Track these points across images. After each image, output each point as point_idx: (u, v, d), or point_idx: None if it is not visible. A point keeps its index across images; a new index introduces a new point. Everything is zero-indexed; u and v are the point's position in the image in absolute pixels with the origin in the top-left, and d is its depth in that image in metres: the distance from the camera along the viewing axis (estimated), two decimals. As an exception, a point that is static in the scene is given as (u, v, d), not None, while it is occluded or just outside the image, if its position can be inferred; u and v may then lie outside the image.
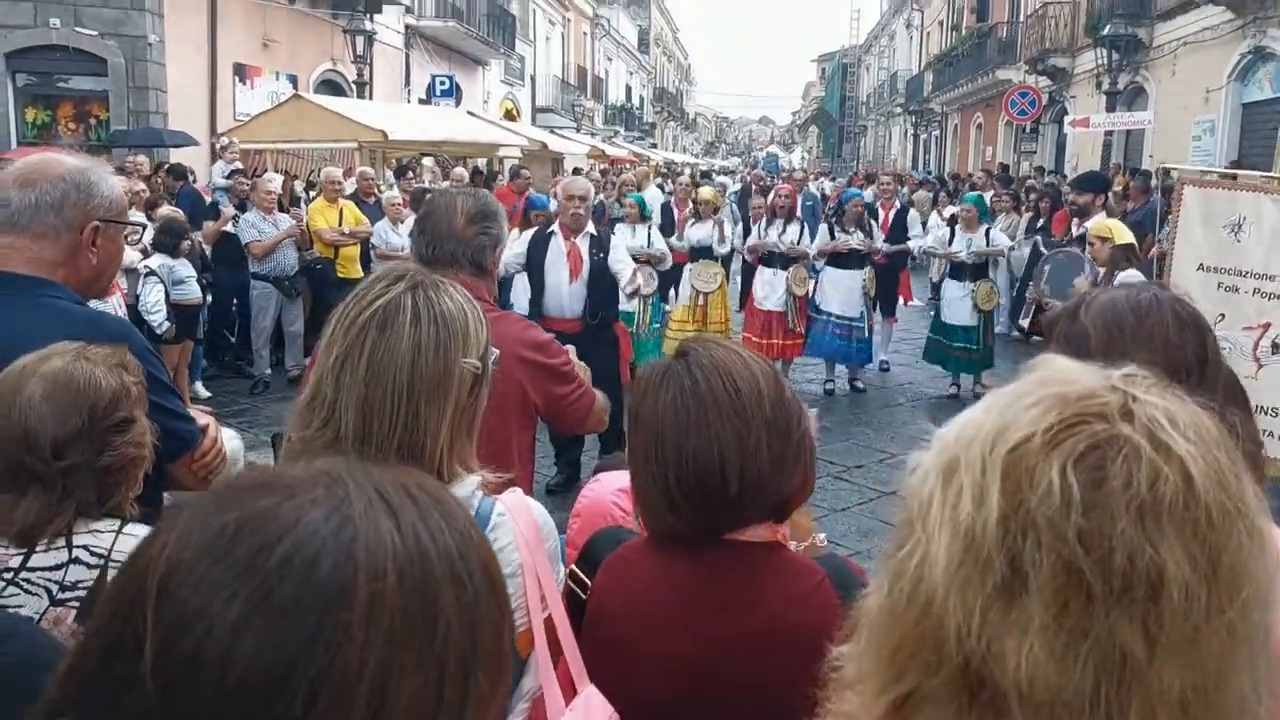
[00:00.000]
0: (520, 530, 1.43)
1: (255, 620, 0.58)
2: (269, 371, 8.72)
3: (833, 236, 8.80)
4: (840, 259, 8.86)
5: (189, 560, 0.60)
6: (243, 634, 0.58)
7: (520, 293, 6.56)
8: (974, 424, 0.76)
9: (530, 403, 2.53)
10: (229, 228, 8.86)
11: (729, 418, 1.38)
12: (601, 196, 11.34)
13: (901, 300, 10.68)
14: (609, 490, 1.85)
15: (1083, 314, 1.48)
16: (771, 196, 9.19)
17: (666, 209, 10.69)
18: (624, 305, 6.55)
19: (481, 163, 18.76)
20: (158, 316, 7.20)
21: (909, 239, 9.55)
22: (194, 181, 11.60)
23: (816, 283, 9.24)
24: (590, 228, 5.94)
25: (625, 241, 6.75)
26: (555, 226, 6.00)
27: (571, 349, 2.86)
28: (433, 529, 0.65)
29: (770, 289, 8.82)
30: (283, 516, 0.62)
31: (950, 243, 8.73)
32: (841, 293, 8.83)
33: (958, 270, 8.67)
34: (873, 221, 9.00)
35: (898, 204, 10.53)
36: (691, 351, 1.48)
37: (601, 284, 5.91)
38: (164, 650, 0.58)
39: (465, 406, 1.43)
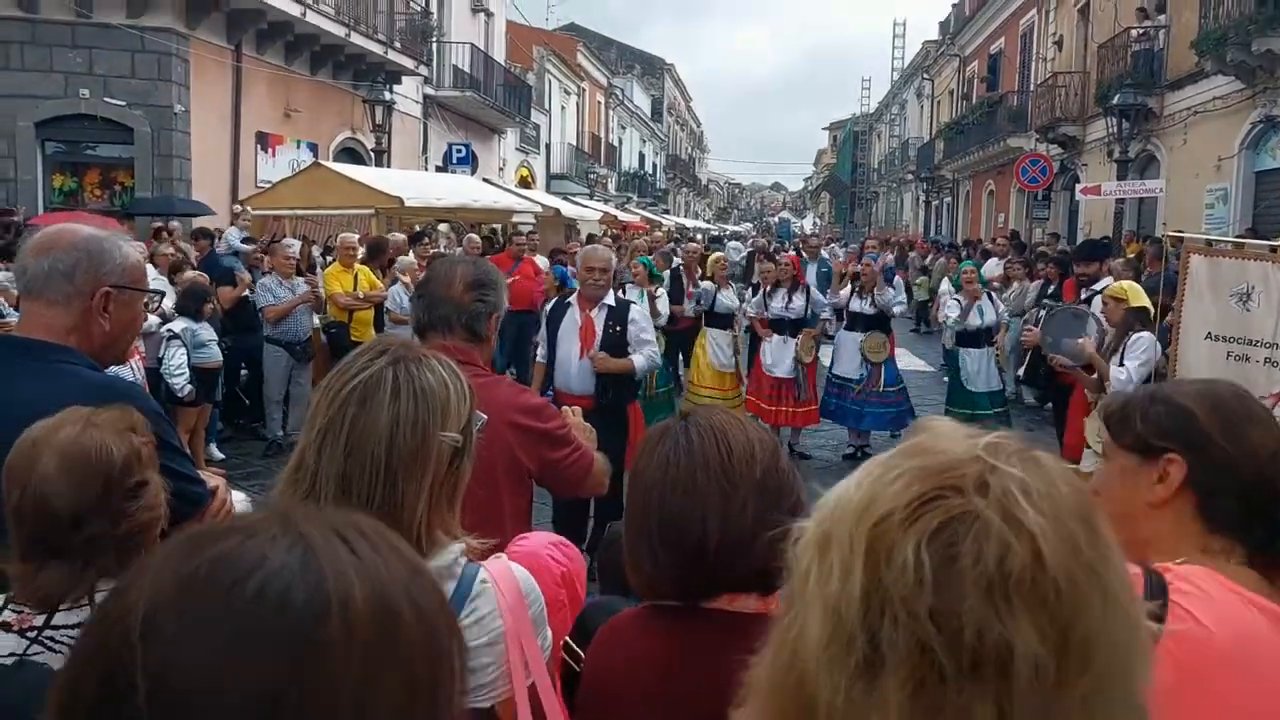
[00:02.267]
0: (503, 597, 1.44)
1: (240, 651, 0.61)
2: (281, 434, 8.76)
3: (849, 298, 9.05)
4: (851, 322, 8.99)
5: (167, 602, 0.63)
6: (229, 665, 0.61)
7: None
8: (846, 496, 0.76)
9: (522, 467, 2.53)
10: (246, 293, 9.00)
11: (716, 477, 1.40)
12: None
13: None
14: (543, 544, 1.86)
15: (1179, 398, 1.44)
16: (775, 268, 9.26)
17: (675, 275, 10.78)
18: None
19: (496, 228, 19.03)
20: (180, 379, 7.24)
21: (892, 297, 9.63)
22: (218, 247, 11.80)
23: (834, 349, 9.31)
24: (610, 298, 5.81)
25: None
26: (574, 296, 5.91)
27: (578, 410, 2.86)
28: (385, 556, 0.69)
29: (779, 355, 8.87)
30: (248, 554, 0.65)
31: (966, 315, 8.76)
32: (845, 354, 9.00)
33: (973, 337, 8.71)
34: (891, 288, 9.11)
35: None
36: (694, 414, 1.52)
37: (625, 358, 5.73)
38: (156, 690, 0.61)
39: (444, 479, 1.44)
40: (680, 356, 9.46)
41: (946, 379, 10.06)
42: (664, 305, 8.56)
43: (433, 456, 1.43)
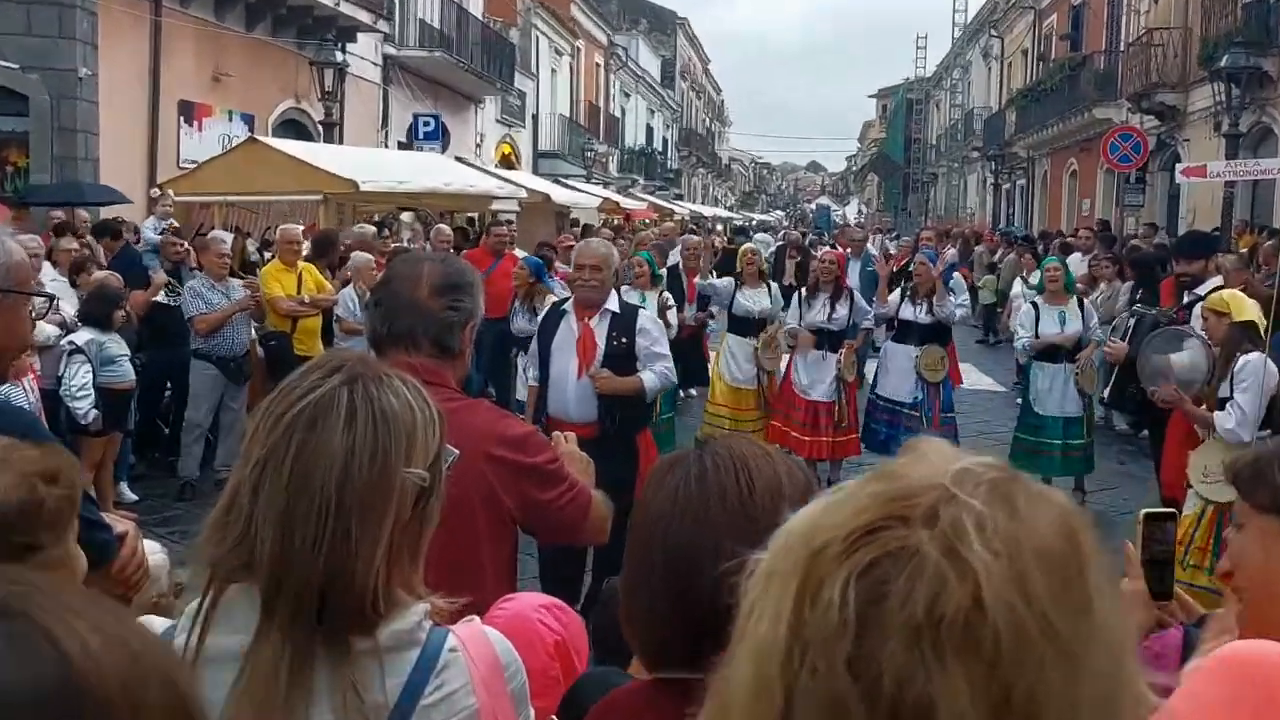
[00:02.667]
0: (476, 668, 1.45)
1: None
2: (198, 473, 8.69)
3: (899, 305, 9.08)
4: (902, 332, 8.99)
5: None
6: None
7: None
8: (798, 522, 0.78)
9: (505, 510, 2.54)
10: (162, 297, 9.00)
11: (734, 512, 1.42)
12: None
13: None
14: (531, 605, 1.87)
15: None
16: (814, 267, 9.29)
17: (674, 275, 10.83)
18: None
19: (473, 218, 19.09)
20: (84, 403, 7.19)
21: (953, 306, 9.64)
22: (138, 243, 11.84)
23: (878, 363, 9.33)
24: (613, 303, 5.81)
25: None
26: (570, 303, 5.92)
27: (572, 436, 2.88)
28: (126, 632, 0.77)
29: (816, 375, 8.89)
30: None
31: (1039, 323, 8.73)
32: (894, 373, 8.96)
33: (1049, 352, 8.67)
34: (951, 292, 9.11)
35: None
36: (710, 442, 1.55)
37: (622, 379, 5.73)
38: None
39: (408, 524, 1.46)
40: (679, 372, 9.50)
41: (1020, 400, 10.05)
42: (673, 315, 8.61)
43: (394, 496, 1.44)
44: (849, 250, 12.85)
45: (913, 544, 0.73)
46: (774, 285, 9.65)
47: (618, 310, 5.79)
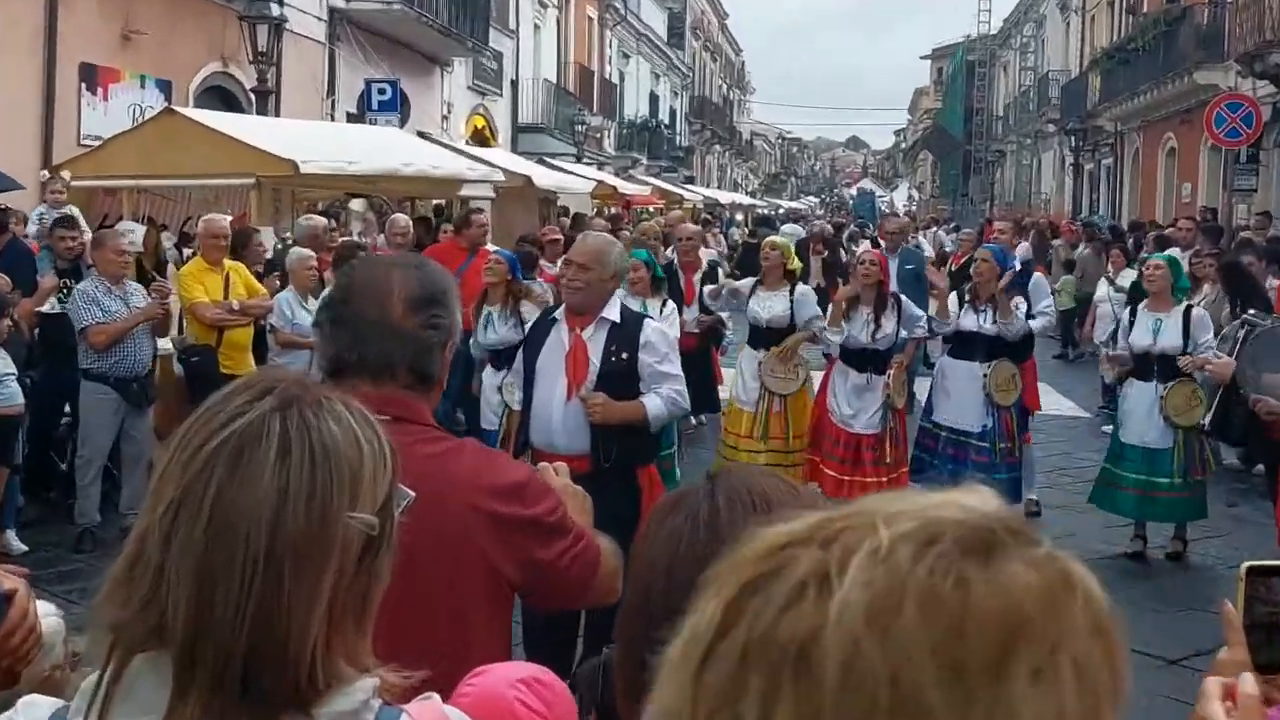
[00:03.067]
0: (433, 758, 1.45)
1: None
2: (99, 518, 8.69)
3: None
4: (963, 345, 8.98)
5: None
6: None
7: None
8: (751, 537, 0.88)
9: (501, 578, 2.54)
10: (54, 304, 9.01)
11: None
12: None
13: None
14: (508, 679, 1.86)
15: None
16: (856, 271, 9.25)
17: (671, 273, 10.86)
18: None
19: (440, 204, 19.10)
20: (-44, 433, 7.25)
21: (1033, 314, 9.59)
22: (27, 237, 11.83)
23: (932, 381, 9.32)
24: (612, 311, 5.83)
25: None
26: (561, 309, 5.93)
27: (564, 468, 2.88)
28: None
29: (860, 401, 8.91)
30: None
31: (1131, 330, 8.71)
32: (956, 395, 8.93)
33: (1143, 367, 8.65)
34: (1025, 297, 9.11)
35: (1015, 263, 10.55)
36: (723, 475, 1.56)
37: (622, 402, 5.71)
38: None
39: (353, 581, 1.46)
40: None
41: (1108, 428, 10.05)
42: (674, 325, 8.63)
43: (335, 546, 1.44)
44: (884, 244, 12.85)
45: (792, 562, 0.81)
46: (801, 287, 9.55)
47: (618, 320, 5.78)
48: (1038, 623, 0.81)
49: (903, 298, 9.26)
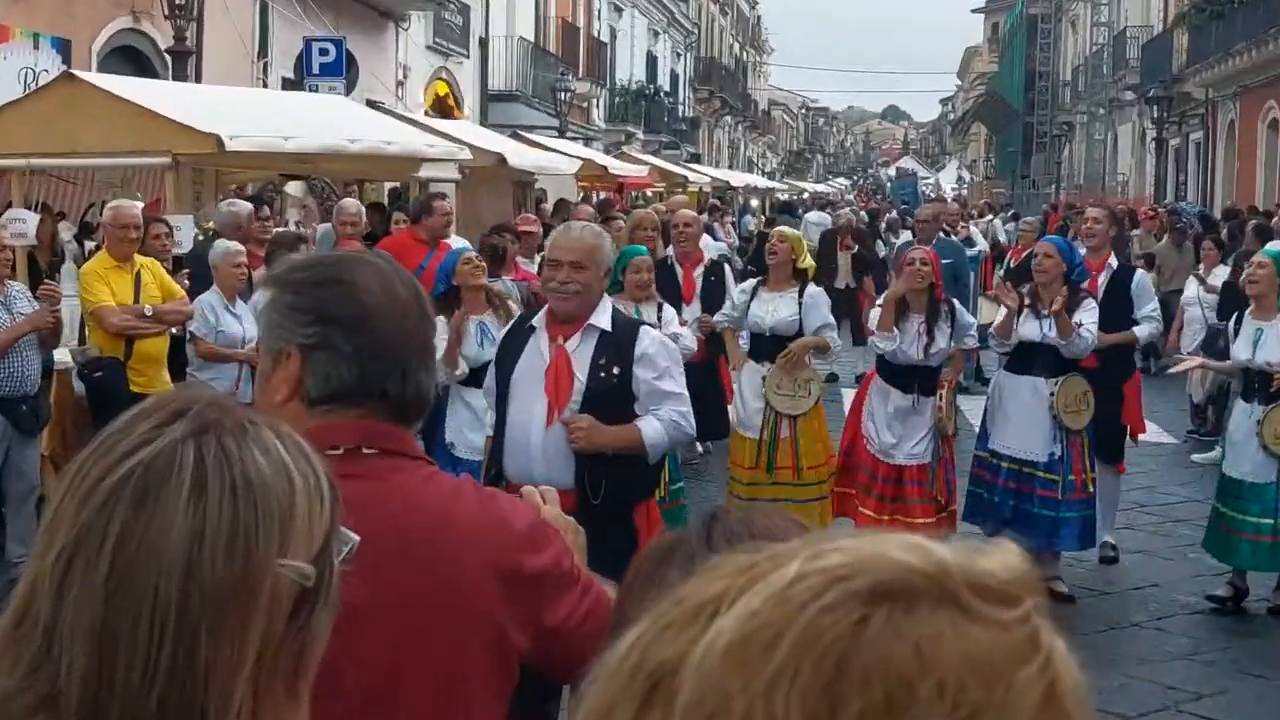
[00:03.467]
0: None
1: None
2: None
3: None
4: (1024, 357, 8.95)
5: None
6: None
7: None
8: None
9: (508, 644, 2.57)
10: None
11: None
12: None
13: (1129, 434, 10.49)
14: None
15: None
16: (904, 272, 9.13)
17: (667, 269, 10.84)
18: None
19: (396, 188, 19.08)
20: None
21: (1137, 321, 9.55)
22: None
23: (988, 401, 9.28)
24: (602, 318, 5.88)
25: None
26: (541, 315, 5.97)
27: (553, 494, 2.92)
28: None
29: (904, 427, 8.92)
30: None
31: (1235, 338, 8.74)
32: (1017, 416, 8.92)
33: (1244, 384, 8.72)
34: (1091, 299, 9.04)
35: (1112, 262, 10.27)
36: (721, 516, 1.57)
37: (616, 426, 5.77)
38: None
39: (283, 641, 1.46)
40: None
41: (1200, 456, 10.05)
42: (689, 338, 8.64)
43: (262, 600, 1.44)
44: (916, 235, 12.87)
45: (703, 590, 0.88)
46: (812, 288, 9.54)
47: (608, 327, 5.81)
48: (953, 683, 0.81)
49: (955, 303, 9.29)
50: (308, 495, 1.49)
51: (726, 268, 11.97)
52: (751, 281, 9.90)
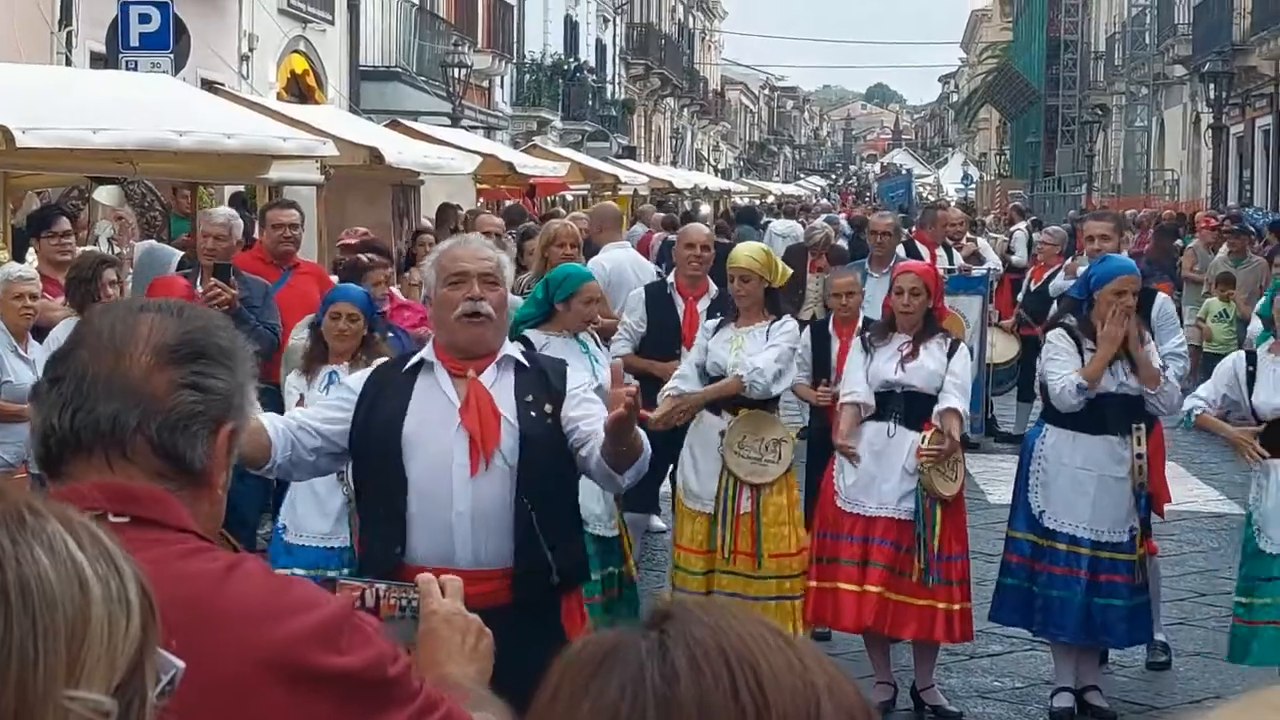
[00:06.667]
0: None
1: None
2: None
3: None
4: (1089, 410, 8.95)
5: None
6: None
7: None
8: None
9: None
10: None
11: None
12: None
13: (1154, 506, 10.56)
14: None
15: None
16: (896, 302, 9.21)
17: (665, 300, 11.08)
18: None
19: (240, 194, 19.08)
20: None
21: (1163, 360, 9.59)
22: None
23: (1033, 468, 9.20)
24: (513, 348, 6.05)
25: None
26: (429, 349, 6.03)
27: (456, 584, 2.97)
28: None
29: (876, 469, 8.99)
30: None
31: (1251, 383, 8.89)
32: (1084, 486, 8.89)
33: (1272, 436, 8.79)
34: (1147, 333, 9.13)
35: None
36: (681, 616, 1.53)
37: (547, 484, 5.82)
38: None
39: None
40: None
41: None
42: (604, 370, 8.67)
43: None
44: (872, 251, 13.17)
45: None
46: (788, 324, 9.64)
47: (523, 360, 5.94)
48: None
49: (963, 345, 9.41)
50: (108, 606, 1.47)
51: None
52: (713, 321, 9.90)
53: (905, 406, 8.94)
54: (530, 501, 5.68)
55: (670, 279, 11.53)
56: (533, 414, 5.77)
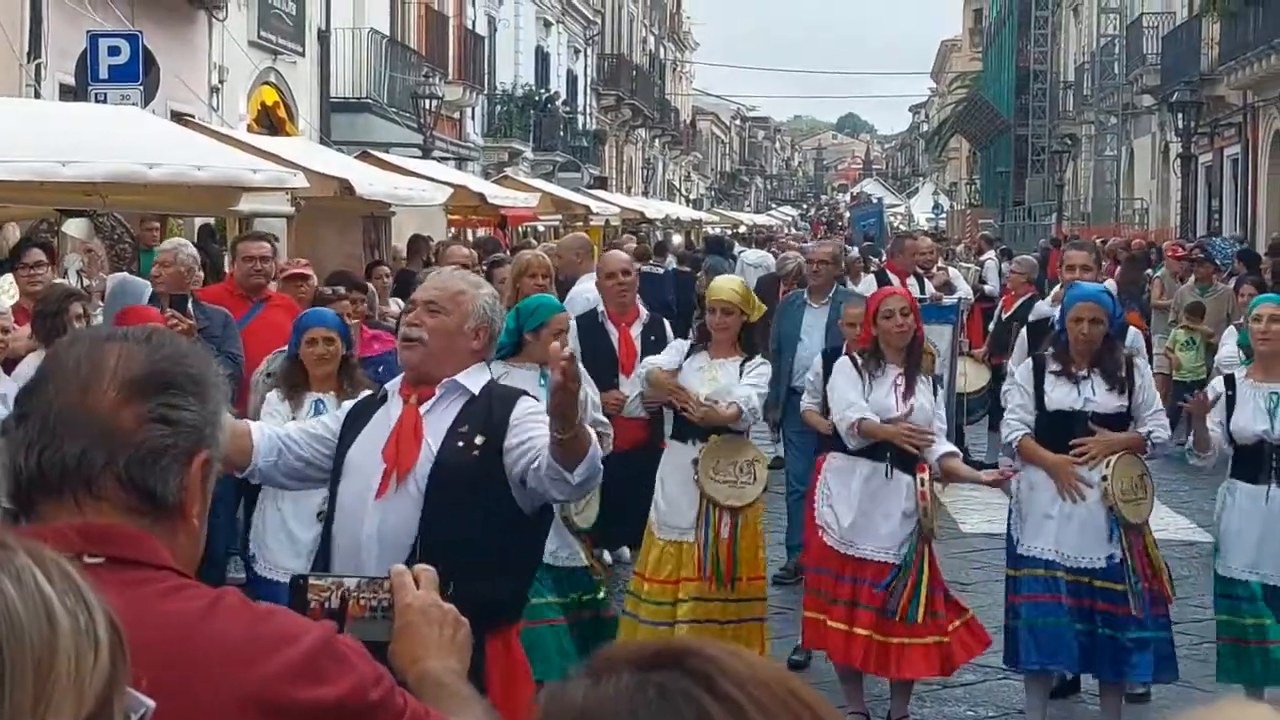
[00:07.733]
0: None
1: None
2: None
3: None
4: (1054, 433, 8.96)
5: None
6: None
7: None
8: None
9: None
10: None
11: None
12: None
13: None
14: None
15: None
16: (881, 330, 9.16)
17: (597, 329, 11.14)
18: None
19: (209, 226, 19.02)
20: None
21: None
22: None
23: (1017, 490, 9.15)
24: (473, 381, 5.98)
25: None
26: (397, 380, 6.06)
27: (427, 573, 2.98)
28: None
29: (873, 506, 8.97)
30: None
31: (1230, 407, 8.90)
32: (1058, 510, 8.84)
33: (1250, 463, 8.90)
34: (1137, 363, 9.19)
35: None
36: (689, 659, 1.51)
37: (456, 514, 5.67)
38: None
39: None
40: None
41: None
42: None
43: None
44: (809, 281, 13.32)
45: None
46: (762, 367, 9.66)
47: (477, 392, 5.90)
48: None
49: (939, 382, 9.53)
50: (76, 639, 1.47)
51: (667, 324, 11.91)
52: (684, 343, 9.92)
53: (898, 448, 8.93)
54: (433, 529, 5.64)
55: (600, 308, 11.54)
56: (459, 444, 5.75)
